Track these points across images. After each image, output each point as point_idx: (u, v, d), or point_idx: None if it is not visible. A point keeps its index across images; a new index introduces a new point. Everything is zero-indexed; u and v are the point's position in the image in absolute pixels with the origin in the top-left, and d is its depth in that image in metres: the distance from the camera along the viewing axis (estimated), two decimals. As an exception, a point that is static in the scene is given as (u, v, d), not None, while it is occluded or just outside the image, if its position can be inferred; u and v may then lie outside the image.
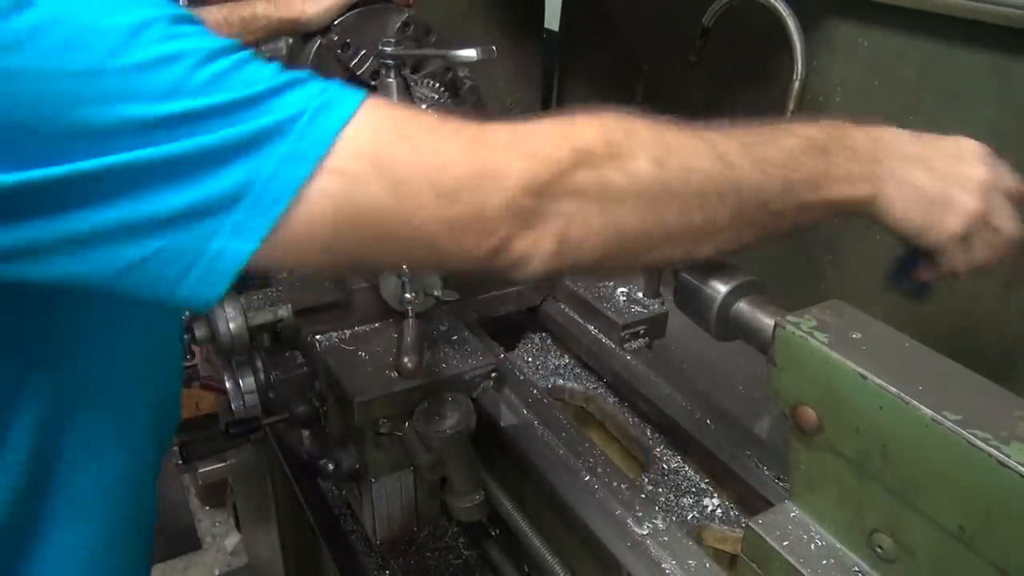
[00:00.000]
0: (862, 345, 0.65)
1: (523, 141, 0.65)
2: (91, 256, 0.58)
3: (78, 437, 0.78)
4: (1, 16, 0.52)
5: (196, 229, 0.58)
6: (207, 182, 0.57)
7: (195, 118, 0.56)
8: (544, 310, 1.38)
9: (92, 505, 0.83)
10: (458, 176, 0.62)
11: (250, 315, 1.11)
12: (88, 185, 0.56)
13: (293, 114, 0.58)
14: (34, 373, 0.72)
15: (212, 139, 0.56)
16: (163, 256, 0.58)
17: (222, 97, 0.57)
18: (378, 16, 1.34)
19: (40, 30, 0.53)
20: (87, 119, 0.54)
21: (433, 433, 0.98)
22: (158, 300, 0.62)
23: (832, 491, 0.68)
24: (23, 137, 0.54)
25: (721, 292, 0.78)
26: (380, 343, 1.10)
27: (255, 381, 1.17)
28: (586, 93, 1.97)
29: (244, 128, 0.57)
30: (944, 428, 0.57)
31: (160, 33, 0.56)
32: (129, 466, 0.87)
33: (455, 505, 1.08)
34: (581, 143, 0.66)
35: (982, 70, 1.15)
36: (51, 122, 0.54)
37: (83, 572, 0.84)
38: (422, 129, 0.63)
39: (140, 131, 0.55)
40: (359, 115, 0.60)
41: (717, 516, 1.05)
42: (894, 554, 0.64)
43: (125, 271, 0.59)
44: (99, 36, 0.55)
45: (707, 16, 1.25)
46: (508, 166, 0.63)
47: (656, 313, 1.26)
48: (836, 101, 1.34)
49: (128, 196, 0.56)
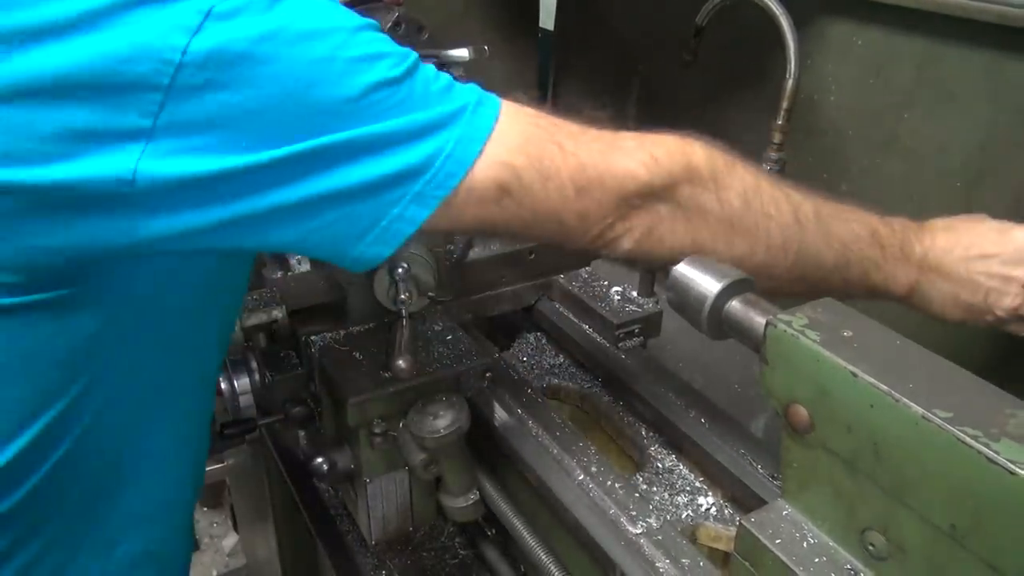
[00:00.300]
0: (853, 343, 0.65)
1: (647, 148, 0.79)
2: (297, 224, 0.69)
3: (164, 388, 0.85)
4: (262, 9, 0.64)
5: (384, 196, 0.69)
6: (402, 156, 0.69)
7: (397, 104, 0.68)
8: (539, 309, 1.38)
9: (164, 460, 0.89)
10: (592, 175, 0.76)
11: (245, 316, 1.11)
12: (310, 160, 0.66)
13: (462, 105, 0.71)
14: (135, 335, 0.78)
15: (409, 120, 0.68)
16: (351, 220, 0.70)
17: (416, 88, 0.70)
18: (369, 15, 1.34)
19: (287, 23, 0.64)
20: (320, 100, 0.65)
21: (427, 433, 0.98)
22: (328, 257, 0.75)
23: (824, 489, 0.68)
24: (269, 117, 0.64)
25: (713, 291, 0.78)
26: (374, 343, 1.10)
27: (250, 382, 1.17)
28: (581, 93, 1.97)
29: (433, 113, 0.70)
30: (934, 425, 0.57)
31: (368, 36, 0.70)
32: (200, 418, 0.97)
33: (450, 505, 1.08)
34: (694, 162, 0.79)
35: (977, 68, 1.15)
36: (293, 102, 0.64)
37: (145, 530, 0.90)
38: (560, 130, 0.78)
39: (355, 113, 0.67)
40: (504, 110, 0.74)
41: (711, 515, 1.05)
42: (886, 552, 0.64)
43: (314, 231, 0.70)
44: (329, 33, 0.67)
45: (701, 15, 1.26)
46: (631, 169, 0.77)
47: (650, 312, 1.26)
48: (830, 100, 1.34)
49: (339, 168, 0.67)
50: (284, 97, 0.64)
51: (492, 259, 1.30)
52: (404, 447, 1.04)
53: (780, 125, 1.23)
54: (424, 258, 1.06)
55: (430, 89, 0.71)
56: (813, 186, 1.19)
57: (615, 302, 1.28)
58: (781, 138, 1.24)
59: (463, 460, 1.06)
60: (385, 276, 1.05)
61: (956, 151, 1.21)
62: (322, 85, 0.65)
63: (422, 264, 1.06)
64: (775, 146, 1.24)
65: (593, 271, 1.37)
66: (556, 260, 1.35)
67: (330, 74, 0.65)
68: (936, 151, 1.23)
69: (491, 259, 1.30)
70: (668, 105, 1.70)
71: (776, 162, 1.24)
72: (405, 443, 1.03)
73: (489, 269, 1.31)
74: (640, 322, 1.26)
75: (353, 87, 0.66)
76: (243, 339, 1.10)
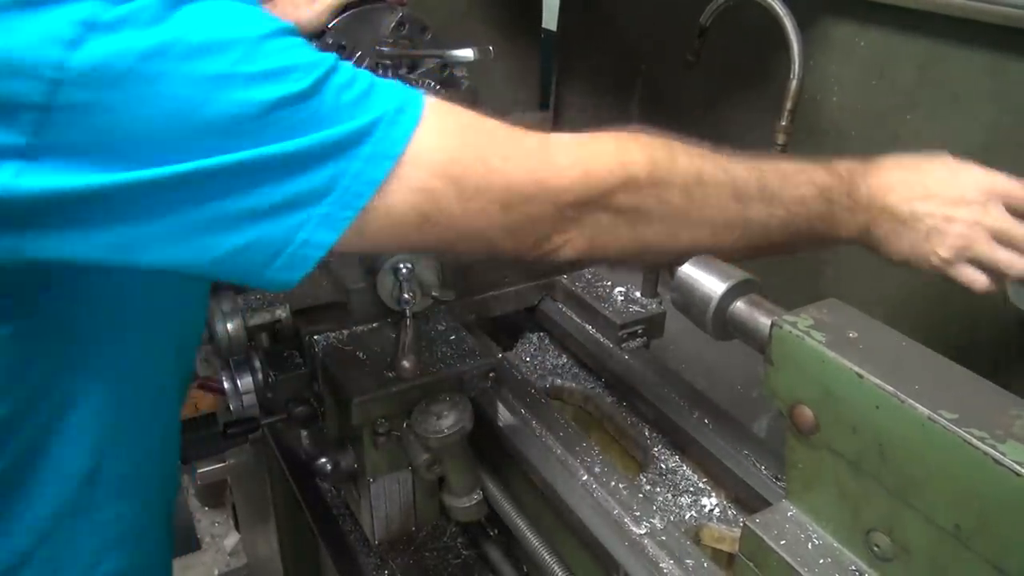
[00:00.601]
0: (859, 344, 0.65)
1: (579, 158, 0.76)
2: (192, 246, 0.64)
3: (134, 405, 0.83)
4: (151, 20, 0.59)
5: (288, 220, 0.65)
6: (307, 177, 0.64)
7: (301, 121, 0.63)
8: (542, 309, 1.38)
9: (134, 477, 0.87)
10: (519, 192, 0.72)
11: (248, 315, 1.11)
12: (201, 181, 0.61)
13: (377, 117, 0.66)
14: (94, 350, 0.76)
15: (313, 139, 0.63)
16: (256, 245, 0.65)
17: (325, 102, 0.64)
18: (373, 16, 1.34)
19: (180, 36, 0.59)
20: (214, 119, 0.60)
21: (431, 433, 0.98)
22: (241, 281, 0.70)
23: (829, 490, 0.68)
24: (159, 137, 0.60)
25: (718, 292, 0.78)
26: (378, 343, 1.10)
27: (253, 381, 1.17)
28: (584, 93, 1.97)
29: (341, 129, 0.65)
30: (940, 427, 0.57)
31: (276, 46, 0.64)
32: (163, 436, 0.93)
33: (453, 505, 1.08)
34: (630, 169, 0.77)
35: (980, 69, 1.15)
36: (185, 122, 0.60)
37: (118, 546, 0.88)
38: (489, 140, 0.73)
39: (254, 132, 0.62)
40: (427, 118, 0.68)
41: (715, 515, 1.05)
42: (891, 553, 0.64)
43: (220, 259, 0.65)
44: (229, 45, 0.61)
45: (705, 16, 1.25)
46: (563, 183, 0.74)
47: (654, 313, 1.26)
48: (833, 100, 1.34)
49: (234, 190, 0.63)
50: (175, 116, 0.59)
51: (495, 259, 1.30)
52: (408, 447, 1.04)
53: (784, 126, 1.23)
54: (427, 258, 1.06)
55: (341, 101, 0.65)
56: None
57: (619, 302, 1.28)
58: (785, 139, 1.23)
59: (466, 460, 1.06)
60: (389, 276, 1.05)
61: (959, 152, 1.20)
62: (217, 103, 0.60)
63: (425, 264, 1.06)
64: (779, 147, 1.23)
65: (597, 271, 1.37)
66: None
67: (226, 92, 0.60)
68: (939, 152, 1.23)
69: (493, 259, 1.29)
70: (671, 105, 1.70)
71: None
72: (409, 443, 1.03)
73: (492, 269, 1.31)
74: (643, 323, 1.25)
75: (252, 105, 0.61)
76: (246, 338, 1.10)
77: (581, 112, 1.99)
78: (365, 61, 1.33)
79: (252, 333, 1.11)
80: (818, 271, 1.40)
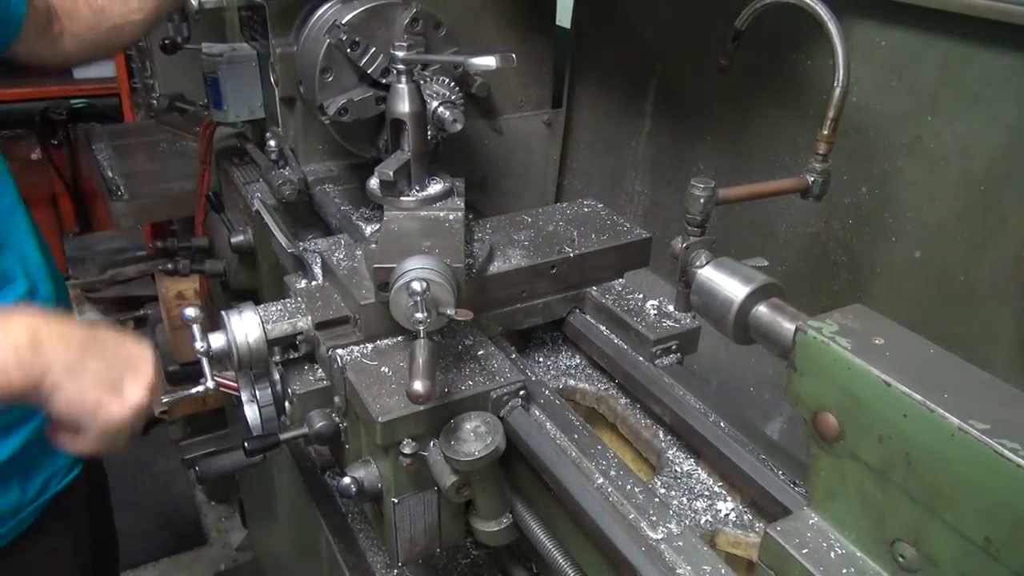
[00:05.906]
0: (885, 351, 0.64)
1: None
2: None
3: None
4: None
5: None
6: None
7: None
8: (570, 322, 1.32)
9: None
10: None
11: (268, 327, 1.07)
12: None
13: None
14: None
15: None
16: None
17: None
18: (386, 12, 1.33)
19: None
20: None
21: (461, 456, 0.93)
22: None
23: (853, 499, 0.67)
24: None
25: (740, 296, 0.77)
26: (404, 357, 1.05)
27: (272, 394, 1.13)
28: (597, 92, 1.96)
29: None
30: (971, 437, 0.56)
31: None
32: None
33: (481, 528, 1.04)
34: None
35: (1002, 70, 1.14)
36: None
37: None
38: None
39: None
40: None
41: (731, 520, 1.03)
42: (916, 564, 0.63)
43: None
44: None
45: (740, 19, 1.22)
46: None
47: (688, 328, 1.20)
48: (853, 101, 1.32)
49: None
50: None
51: (513, 273, 1.23)
52: (435, 469, 0.99)
53: (825, 135, 1.13)
54: (442, 275, 1.00)
55: None
56: (834, 188, 1.18)
57: (651, 316, 1.22)
58: (827, 148, 1.14)
59: (496, 483, 1.01)
60: (403, 295, 0.99)
61: (980, 154, 1.20)
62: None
63: (440, 281, 1.00)
64: (819, 156, 1.15)
65: (627, 283, 1.31)
66: (586, 273, 1.28)
67: None
68: (960, 154, 1.22)
69: (512, 273, 1.22)
70: (685, 106, 1.69)
71: (820, 172, 1.15)
72: (436, 464, 0.98)
73: (510, 283, 1.23)
74: (677, 338, 1.19)
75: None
76: (267, 352, 1.07)
77: (595, 110, 1.98)
78: (379, 59, 1.32)
79: (272, 345, 1.08)
80: (834, 275, 1.39)
